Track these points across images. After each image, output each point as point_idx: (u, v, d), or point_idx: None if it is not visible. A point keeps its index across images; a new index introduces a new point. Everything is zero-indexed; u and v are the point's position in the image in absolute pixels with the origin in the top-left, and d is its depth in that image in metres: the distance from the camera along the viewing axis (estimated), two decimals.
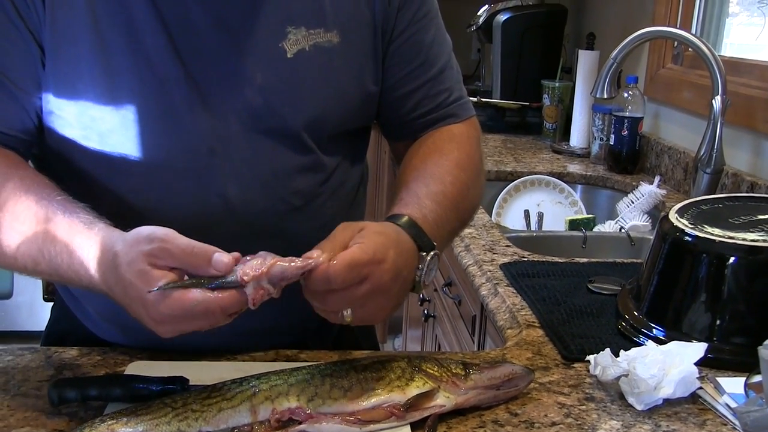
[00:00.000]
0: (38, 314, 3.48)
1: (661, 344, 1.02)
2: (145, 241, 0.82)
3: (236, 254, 0.83)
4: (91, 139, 1.01)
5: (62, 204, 0.93)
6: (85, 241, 0.89)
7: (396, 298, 0.92)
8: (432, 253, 0.96)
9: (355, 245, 0.86)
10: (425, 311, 2.20)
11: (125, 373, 0.98)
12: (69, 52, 0.98)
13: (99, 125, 0.99)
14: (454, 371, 0.91)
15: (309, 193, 1.08)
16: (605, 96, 1.93)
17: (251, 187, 1.03)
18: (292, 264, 0.83)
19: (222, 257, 0.81)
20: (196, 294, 0.80)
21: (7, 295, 3.24)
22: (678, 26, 2.23)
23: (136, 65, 0.98)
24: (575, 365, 1.07)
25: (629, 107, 2.31)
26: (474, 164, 1.15)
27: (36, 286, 3.25)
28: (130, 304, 0.84)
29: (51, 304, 1.30)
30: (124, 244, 0.84)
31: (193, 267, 0.82)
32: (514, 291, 1.33)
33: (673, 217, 1.18)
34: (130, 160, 1.01)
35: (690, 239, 1.12)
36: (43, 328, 1.26)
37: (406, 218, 0.97)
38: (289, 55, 1.03)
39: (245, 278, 0.81)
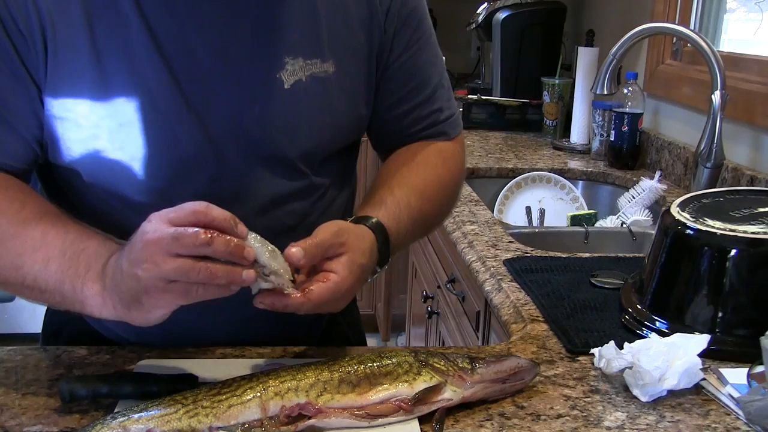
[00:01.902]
0: (40, 317, 3.45)
1: (664, 337, 1.03)
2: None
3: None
4: (94, 171, 1.02)
5: (65, 215, 0.98)
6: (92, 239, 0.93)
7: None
8: (384, 267, 1.05)
9: (332, 278, 0.92)
10: (429, 308, 2.21)
11: (134, 371, 0.99)
12: (72, 89, 0.98)
13: (103, 160, 1.00)
14: (460, 365, 0.92)
15: (302, 213, 1.11)
16: (605, 92, 1.94)
17: (250, 212, 1.05)
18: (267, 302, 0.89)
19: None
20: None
21: (10, 298, 3.25)
22: (677, 22, 2.24)
23: (138, 99, 0.98)
24: (580, 358, 1.08)
25: (629, 103, 2.32)
26: (454, 183, 1.21)
27: None
28: (132, 244, 0.86)
29: None
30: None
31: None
32: (518, 286, 1.34)
33: (674, 210, 1.19)
34: (132, 190, 1.02)
35: (692, 232, 1.13)
36: None
37: (384, 233, 1.04)
38: (286, 86, 1.04)
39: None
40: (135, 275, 0.85)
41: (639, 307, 1.19)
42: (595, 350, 1.05)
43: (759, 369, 0.94)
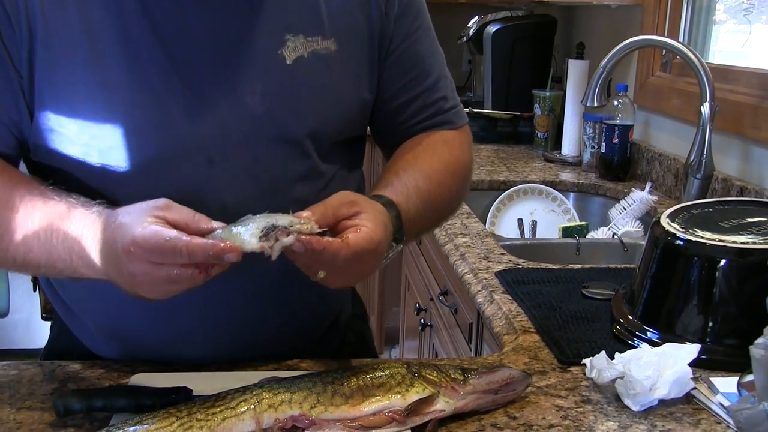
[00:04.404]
0: (35, 332, 3.48)
1: (655, 346, 1.04)
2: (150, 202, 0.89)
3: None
4: (91, 155, 1.01)
5: (56, 191, 0.97)
6: (83, 211, 0.93)
7: (364, 276, 0.98)
8: (399, 246, 1.02)
9: (363, 230, 0.91)
10: (422, 320, 2.21)
11: (129, 384, 0.99)
12: (65, 68, 0.98)
13: (98, 142, 1.00)
14: (453, 377, 0.93)
15: (307, 201, 1.09)
16: (595, 104, 1.95)
17: (250, 196, 1.03)
18: (305, 239, 0.86)
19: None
20: (173, 232, 0.84)
21: (4, 314, 3.24)
22: (666, 35, 2.26)
23: (133, 79, 0.98)
24: (571, 369, 1.08)
25: (619, 115, 2.34)
26: (462, 169, 1.19)
27: (33, 304, 3.26)
28: (113, 246, 0.87)
29: (49, 322, 1.31)
30: (128, 208, 0.89)
31: (194, 223, 0.87)
32: (510, 298, 1.35)
33: (664, 221, 1.20)
34: (127, 172, 1.01)
35: (681, 243, 1.14)
36: (39, 346, 1.26)
37: (396, 209, 1.02)
38: (288, 62, 1.03)
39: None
40: (133, 285, 0.87)
41: (630, 317, 1.20)
42: (586, 360, 1.06)
43: (749, 378, 0.94)
